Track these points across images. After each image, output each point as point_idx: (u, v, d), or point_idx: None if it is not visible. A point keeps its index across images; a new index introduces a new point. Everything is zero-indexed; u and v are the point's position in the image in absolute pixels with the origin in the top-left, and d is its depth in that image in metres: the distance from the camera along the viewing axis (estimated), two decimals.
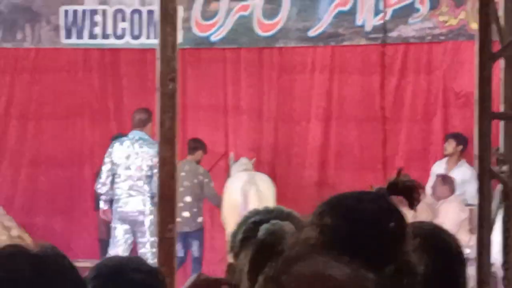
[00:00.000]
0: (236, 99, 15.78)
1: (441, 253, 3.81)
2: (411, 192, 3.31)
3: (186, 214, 14.31)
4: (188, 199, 14.40)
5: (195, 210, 14.68)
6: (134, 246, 14.24)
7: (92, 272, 4.00)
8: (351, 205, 3.23)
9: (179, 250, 14.57)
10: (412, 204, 3.33)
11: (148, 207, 13.76)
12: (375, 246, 3.14)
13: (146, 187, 13.97)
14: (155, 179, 12.65)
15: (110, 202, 14.23)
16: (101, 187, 14.22)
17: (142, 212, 13.84)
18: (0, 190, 15.92)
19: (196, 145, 14.94)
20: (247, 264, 3.59)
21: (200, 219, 14.81)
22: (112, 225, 14.27)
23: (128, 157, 14.07)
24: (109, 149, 14.31)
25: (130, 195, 13.92)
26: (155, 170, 13.08)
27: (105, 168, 14.22)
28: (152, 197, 13.55)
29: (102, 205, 14.31)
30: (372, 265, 2.95)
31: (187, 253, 14.71)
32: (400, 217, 3.23)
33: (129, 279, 3.99)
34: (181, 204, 13.31)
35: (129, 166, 14.06)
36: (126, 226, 13.94)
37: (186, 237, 14.44)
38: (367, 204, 3.22)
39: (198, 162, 14.99)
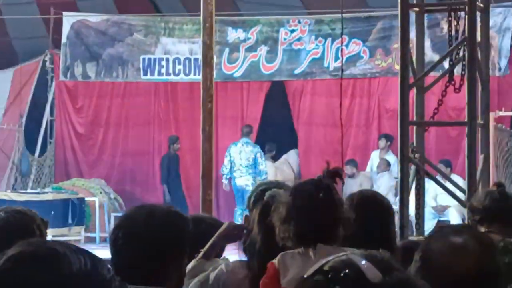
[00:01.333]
0: (249, 113, 15.73)
1: (377, 207, 3.80)
2: (336, 174, 3.39)
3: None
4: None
5: None
6: None
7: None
8: (297, 186, 3.45)
9: None
10: (342, 181, 3.46)
11: (251, 182, 14.06)
12: (310, 212, 3.26)
13: (250, 170, 14.36)
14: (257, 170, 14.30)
15: (229, 179, 14.63)
16: (224, 171, 14.58)
17: (247, 185, 14.03)
18: (103, 170, 15.97)
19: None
20: (256, 216, 3.62)
21: None
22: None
23: (240, 153, 14.45)
24: (228, 149, 14.69)
25: (240, 176, 14.26)
26: (258, 160, 14.36)
27: (226, 160, 14.62)
28: (253, 177, 14.23)
29: (225, 180, 14.66)
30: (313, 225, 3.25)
31: None
32: (329, 191, 3.32)
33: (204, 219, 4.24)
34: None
35: (240, 158, 14.41)
36: (239, 194, 14.21)
37: None
38: (307, 184, 3.40)
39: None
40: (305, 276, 1.33)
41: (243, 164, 14.35)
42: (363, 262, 1.27)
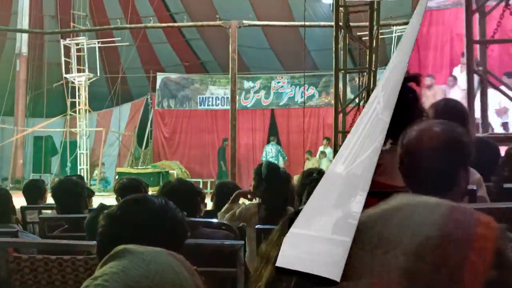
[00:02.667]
0: (256, 126, 15.61)
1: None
2: (320, 171, 3.17)
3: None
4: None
5: None
6: None
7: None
8: (304, 174, 3.16)
9: None
10: (321, 173, 3.14)
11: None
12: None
13: (275, 158, 13.92)
14: (279, 157, 13.65)
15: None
16: (263, 159, 14.13)
17: None
18: (178, 156, 15.82)
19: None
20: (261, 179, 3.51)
21: None
22: None
23: (271, 149, 14.17)
24: (264, 148, 14.34)
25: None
26: (279, 153, 13.82)
27: (264, 153, 14.26)
28: (277, 161, 13.48)
29: None
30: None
31: None
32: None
33: (228, 183, 4.15)
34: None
35: (271, 152, 14.11)
36: None
37: None
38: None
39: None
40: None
41: (273, 155, 14.12)
42: None
